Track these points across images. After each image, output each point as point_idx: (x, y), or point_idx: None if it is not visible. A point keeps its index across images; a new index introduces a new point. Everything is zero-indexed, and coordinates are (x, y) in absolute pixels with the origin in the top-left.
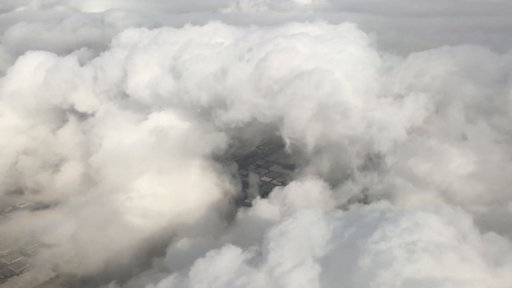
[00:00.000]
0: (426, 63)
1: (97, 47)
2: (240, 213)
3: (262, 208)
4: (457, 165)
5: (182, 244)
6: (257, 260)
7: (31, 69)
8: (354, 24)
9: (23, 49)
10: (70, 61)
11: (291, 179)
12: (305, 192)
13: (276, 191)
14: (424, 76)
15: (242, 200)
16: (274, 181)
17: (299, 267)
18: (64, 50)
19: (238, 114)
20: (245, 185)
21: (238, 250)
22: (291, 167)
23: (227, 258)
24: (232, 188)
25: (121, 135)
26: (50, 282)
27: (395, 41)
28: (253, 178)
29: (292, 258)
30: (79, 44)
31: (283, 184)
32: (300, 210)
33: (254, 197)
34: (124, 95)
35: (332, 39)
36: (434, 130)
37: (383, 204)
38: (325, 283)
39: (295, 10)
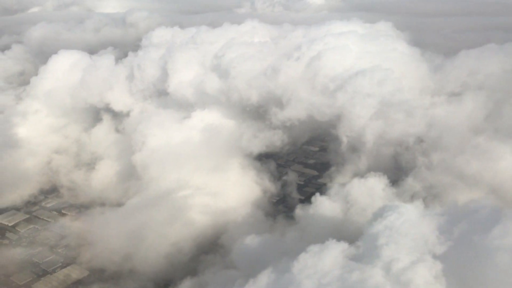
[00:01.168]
0: (477, 61)
1: (122, 47)
2: (299, 211)
3: (323, 205)
4: None
5: (249, 241)
6: (363, 255)
7: (65, 67)
8: (391, 23)
9: (45, 49)
10: (106, 60)
11: (326, 179)
12: (368, 189)
13: (336, 188)
14: (477, 74)
15: (284, 198)
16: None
17: (419, 263)
18: (87, 50)
19: (294, 112)
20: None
21: (342, 245)
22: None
23: (332, 253)
24: (272, 186)
25: (165, 133)
26: (82, 281)
27: (420, 40)
28: (292, 177)
29: (409, 254)
30: (102, 44)
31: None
32: (402, 205)
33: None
34: (161, 94)
35: (378, 37)
36: (492, 128)
37: (484, 201)
38: (450, 280)
39: (310, 10)
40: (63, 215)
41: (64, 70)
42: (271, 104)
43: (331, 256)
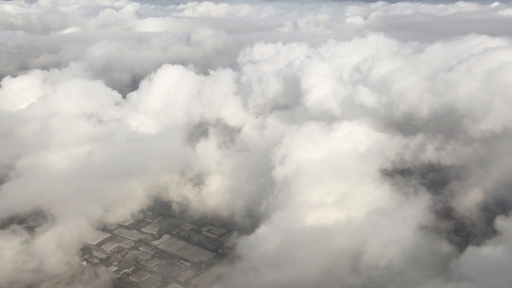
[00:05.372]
0: None
1: (198, 63)
2: (500, 221)
3: None
4: None
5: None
6: None
7: (169, 82)
8: None
9: (108, 66)
10: (224, 76)
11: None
12: None
13: None
14: None
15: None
16: None
17: None
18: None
19: (489, 124)
20: None
21: None
22: None
23: None
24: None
25: (309, 146)
26: None
27: None
28: None
29: None
30: (172, 61)
31: None
32: None
33: None
34: (284, 107)
35: None
36: None
37: None
38: None
39: (351, 29)
40: (144, 233)
41: (167, 84)
42: (443, 117)
43: None
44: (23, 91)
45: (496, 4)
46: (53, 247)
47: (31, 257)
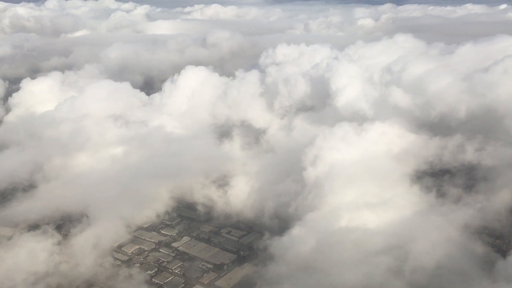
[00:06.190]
0: None
1: (217, 65)
2: None
3: None
4: None
5: None
6: None
7: (193, 83)
8: None
9: (124, 68)
10: (248, 77)
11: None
12: None
13: None
14: None
15: None
16: None
17: None
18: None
19: None
20: None
21: None
22: None
23: None
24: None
25: (340, 147)
26: None
27: None
28: None
29: None
30: (189, 63)
31: None
32: None
33: None
34: (307, 108)
35: None
36: None
37: None
38: None
39: (362, 31)
40: (164, 235)
41: (191, 86)
42: (482, 117)
43: None
44: (43, 93)
45: (504, 6)
46: (86, 249)
47: (65, 257)
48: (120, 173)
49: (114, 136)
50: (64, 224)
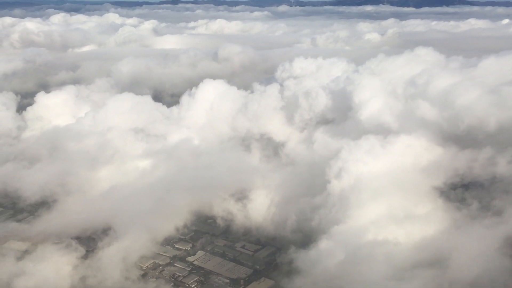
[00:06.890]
0: None
1: (229, 79)
2: None
3: None
4: None
5: None
6: None
7: (210, 96)
8: None
9: (137, 82)
10: (267, 91)
11: None
12: None
13: None
14: None
15: None
16: None
17: None
18: (187, 83)
19: None
20: None
21: None
22: None
23: None
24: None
25: (366, 160)
26: None
27: None
28: None
29: None
30: (201, 76)
31: None
32: None
33: None
34: (327, 121)
35: None
36: None
37: None
38: None
39: (369, 45)
40: (178, 249)
41: (209, 99)
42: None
43: None
44: (58, 107)
45: (506, 21)
46: (107, 263)
47: (87, 272)
48: (142, 187)
49: (136, 150)
50: (86, 238)
